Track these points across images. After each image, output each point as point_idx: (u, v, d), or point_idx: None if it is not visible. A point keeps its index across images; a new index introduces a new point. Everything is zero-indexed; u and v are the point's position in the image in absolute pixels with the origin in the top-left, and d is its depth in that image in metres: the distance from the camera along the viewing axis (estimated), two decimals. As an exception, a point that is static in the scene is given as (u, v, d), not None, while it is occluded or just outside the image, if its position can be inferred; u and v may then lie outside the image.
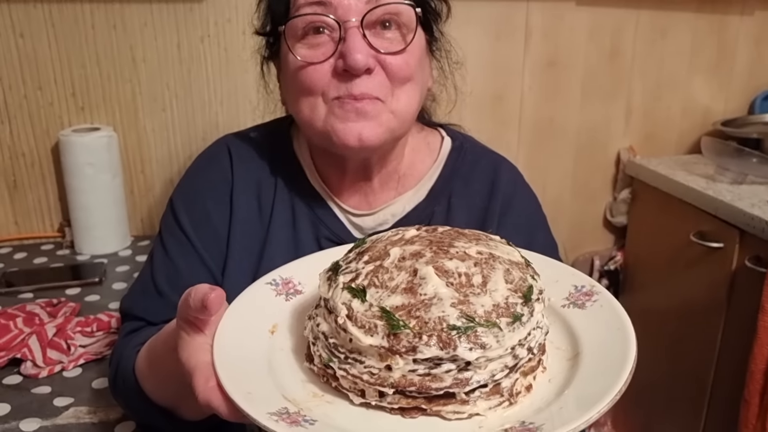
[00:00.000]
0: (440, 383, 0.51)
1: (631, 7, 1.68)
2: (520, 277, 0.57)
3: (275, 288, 0.68)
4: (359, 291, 0.55)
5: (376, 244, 0.61)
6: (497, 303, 0.53)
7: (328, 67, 0.77)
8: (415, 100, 0.83)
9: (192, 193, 0.90)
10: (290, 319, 0.64)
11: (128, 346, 0.81)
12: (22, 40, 1.34)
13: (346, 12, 0.76)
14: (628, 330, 0.57)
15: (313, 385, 0.57)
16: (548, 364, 0.58)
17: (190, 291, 0.56)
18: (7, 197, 1.43)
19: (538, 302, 0.56)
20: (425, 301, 0.53)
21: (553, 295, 0.64)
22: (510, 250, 0.61)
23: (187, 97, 1.45)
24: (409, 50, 0.79)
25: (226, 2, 1.40)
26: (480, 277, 0.55)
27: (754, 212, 1.35)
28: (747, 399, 1.35)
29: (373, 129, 0.79)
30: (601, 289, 0.64)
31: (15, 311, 1.09)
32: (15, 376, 0.98)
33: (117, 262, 1.37)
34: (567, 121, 1.74)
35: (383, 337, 0.52)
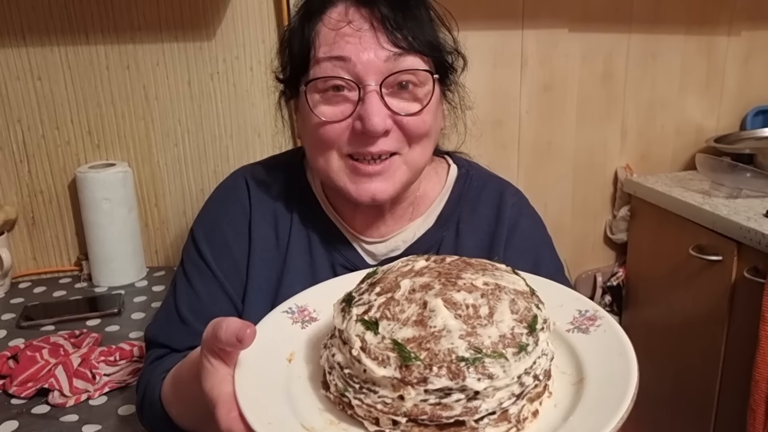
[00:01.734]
0: (450, 412, 0.53)
1: (622, 31, 1.75)
2: (525, 306, 0.59)
3: (291, 316, 0.70)
4: (372, 323, 0.57)
5: (387, 275, 0.63)
6: (503, 333, 0.55)
7: (345, 126, 0.80)
8: (429, 151, 0.86)
9: (212, 224, 0.94)
10: (306, 347, 0.66)
11: (154, 373, 0.84)
12: (39, 82, 1.40)
13: (366, 72, 0.78)
14: (629, 356, 0.58)
15: (329, 413, 0.59)
16: (554, 389, 0.60)
17: (218, 323, 0.59)
18: (26, 234, 1.48)
19: (543, 331, 0.58)
20: (435, 334, 0.55)
21: (557, 319, 0.65)
22: (515, 279, 0.63)
23: (198, 132, 1.51)
24: (427, 109, 0.81)
25: (233, 40, 1.47)
26: (487, 308, 0.57)
27: (750, 225, 1.40)
28: (753, 407, 1.38)
29: (386, 187, 0.83)
30: (603, 314, 0.65)
31: (40, 343, 1.13)
32: (43, 405, 1.02)
33: (134, 293, 1.41)
34: (564, 143, 1.80)
35: (395, 369, 0.54)
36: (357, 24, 0.79)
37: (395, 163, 0.82)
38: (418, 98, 0.81)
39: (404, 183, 0.85)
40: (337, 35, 0.79)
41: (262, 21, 1.47)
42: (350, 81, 0.79)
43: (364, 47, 0.78)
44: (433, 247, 0.92)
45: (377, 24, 0.79)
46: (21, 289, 1.44)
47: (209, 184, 1.54)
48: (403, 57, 0.79)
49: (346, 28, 0.79)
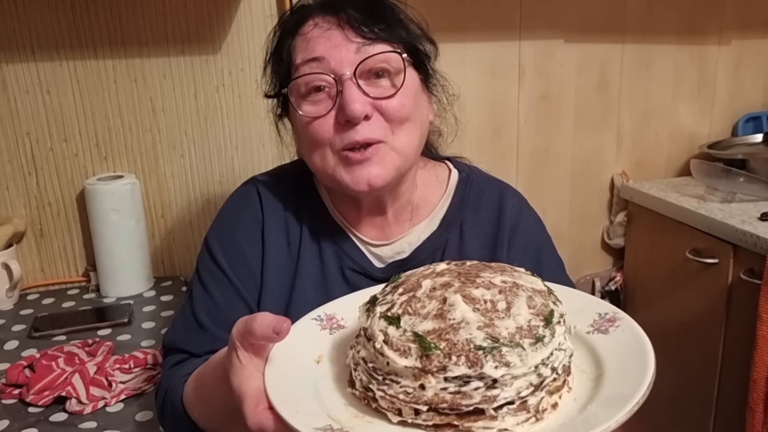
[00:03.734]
0: (470, 400, 0.56)
1: (616, 41, 1.79)
2: (542, 303, 0.61)
3: (320, 323, 0.73)
4: (394, 318, 0.61)
5: (410, 278, 0.67)
6: (520, 326, 0.58)
7: (331, 120, 0.85)
8: (416, 137, 0.89)
9: (226, 233, 0.96)
10: (333, 350, 0.69)
11: (175, 377, 0.86)
12: (48, 96, 1.42)
13: (340, 65, 0.83)
14: (647, 350, 0.61)
15: (354, 408, 0.62)
16: (573, 385, 0.62)
17: (251, 319, 0.62)
18: (34, 245, 1.49)
19: (559, 325, 0.60)
20: (454, 326, 0.58)
21: (578, 323, 0.68)
22: (534, 279, 0.66)
23: (204, 143, 1.53)
24: (402, 92, 0.86)
25: (239, 53, 1.50)
26: (504, 303, 0.60)
27: (745, 228, 1.44)
28: (752, 407, 1.41)
29: (379, 171, 0.86)
30: (623, 316, 0.67)
31: (55, 352, 1.14)
32: (61, 413, 1.03)
33: (142, 303, 1.43)
34: (561, 150, 1.83)
35: (416, 359, 0.57)
36: (325, 26, 0.86)
37: (382, 149, 0.86)
38: (394, 83, 0.86)
39: (397, 168, 0.88)
40: (310, 40, 0.86)
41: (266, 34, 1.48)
42: (327, 76, 0.84)
43: (334, 44, 0.84)
44: (438, 250, 0.95)
45: (344, 24, 0.85)
46: (30, 300, 1.45)
47: (215, 194, 1.56)
48: (372, 46, 0.85)
49: (315, 30, 0.86)
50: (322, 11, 0.87)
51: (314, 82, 0.85)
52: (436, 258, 0.95)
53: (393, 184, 0.91)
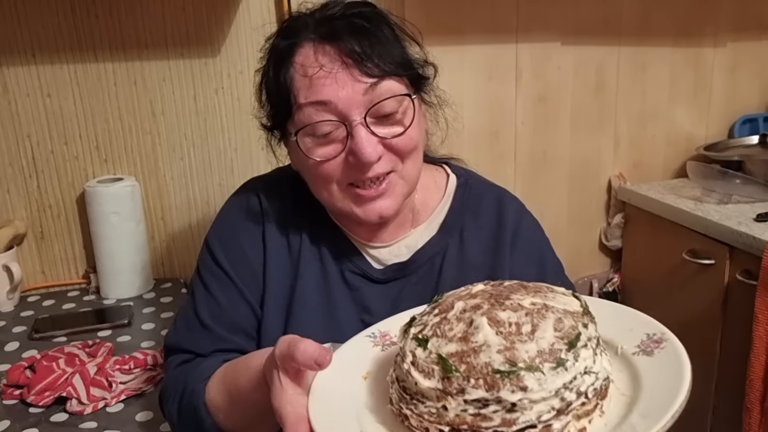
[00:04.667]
0: (489, 422, 0.56)
1: (612, 44, 1.80)
2: (570, 325, 0.60)
3: (373, 339, 0.75)
4: (423, 340, 0.62)
5: (447, 299, 0.68)
6: (542, 349, 0.57)
7: (340, 161, 0.84)
8: (420, 161, 0.90)
9: (227, 235, 0.97)
10: (381, 367, 0.71)
11: (191, 378, 0.86)
12: (49, 99, 1.43)
13: (348, 108, 0.80)
14: (684, 374, 0.59)
15: (391, 424, 0.63)
16: (609, 409, 0.60)
17: (294, 344, 0.62)
18: (34, 248, 1.50)
19: (585, 348, 0.59)
20: (475, 348, 0.58)
21: (625, 343, 0.66)
22: (569, 300, 0.65)
23: (203, 145, 1.54)
24: (411, 127, 0.85)
25: (237, 56, 1.50)
26: (530, 325, 0.60)
27: (741, 229, 1.45)
28: (748, 407, 1.42)
29: (390, 204, 0.87)
30: (670, 336, 0.65)
31: (56, 353, 1.15)
32: (61, 414, 1.04)
33: (142, 305, 1.44)
34: (559, 153, 1.84)
35: (438, 380, 0.58)
36: (328, 66, 0.81)
37: (393, 180, 0.87)
38: (402, 120, 0.84)
39: (405, 195, 0.90)
40: (313, 79, 0.81)
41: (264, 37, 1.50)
42: (336, 122, 0.82)
43: (340, 86, 0.80)
44: (438, 254, 0.96)
45: (347, 59, 0.81)
46: (30, 302, 1.46)
47: (215, 196, 1.57)
48: (379, 84, 0.81)
49: (319, 71, 0.81)
50: (320, 40, 0.83)
51: (323, 128, 0.82)
52: (435, 262, 0.96)
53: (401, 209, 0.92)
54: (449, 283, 0.94)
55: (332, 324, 0.92)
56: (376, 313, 0.93)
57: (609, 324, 0.68)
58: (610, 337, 0.67)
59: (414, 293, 0.94)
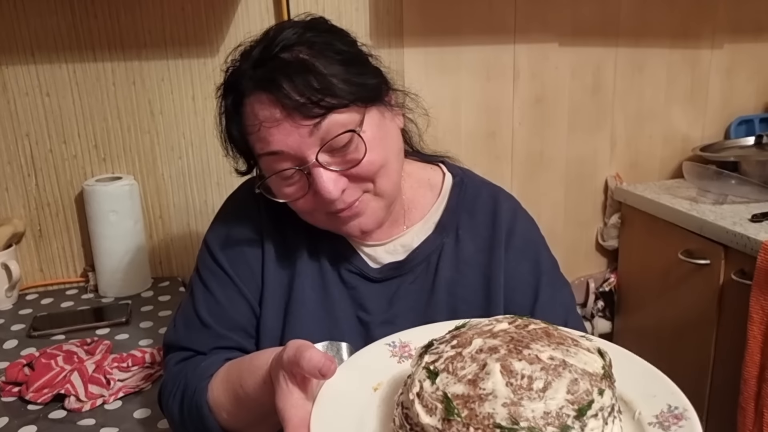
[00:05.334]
0: None
1: (610, 45, 1.81)
2: (586, 389, 0.58)
3: (392, 349, 0.73)
4: (433, 373, 0.60)
5: (468, 331, 0.65)
6: (549, 411, 0.55)
7: (310, 197, 0.85)
8: (394, 172, 0.89)
9: (226, 234, 0.98)
10: (394, 380, 0.69)
11: (192, 377, 0.86)
12: (48, 98, 1.43)
13: (300, 152, 0.81)
14: None
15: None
16: None
17: (301, 351, 0.63)
18: (33, 246, 1.51)
19: (595, 418, 0.56)
20: (482, 395, 0.57)
21: (644, 409, 0.63)
22: (591, 359, 0.62)
23: (201, 145, 1.55)
24: (369, 150, 0.83)
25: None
26: (542, 382, 0.57)
27: (736, 229, 1.46)
28: (743, 405, 1.43)
29: (368, 220, 0.88)
30: (692, 415, 0.62)
31: (54, 351, 1.16)
32: (60, 411, 1.04)
33: (140, 303, 1.44)
34: (556, 153, 1.85)
35: (439, 420, 0.56)
36: (269, 119, 0.81)
37: (365, 199, 0.87)
38: (357, 149, 0.83)
39: (384, 208, 0.90)
40: (260, 132, 0.82)
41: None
42: (292, 168, 0.83)
43: (286, 134, 0.80)
44: (434, 253, 0.97)
45: (285, 105, 0.80)
46: (29, 300, 1.47)
47: (213, 196, 1.58)
48: (323, 122, 0.80)
49: (262, 127, 0.81)
50: (257, 89, 0.82)
51: (283, 175, 0.84)
52: (431, 261, 0.96)
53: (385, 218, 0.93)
54: (445, 281, 0.95)
55: (329, 322, 0.93)
56: (372, 311, 0.94)
57: (633, 384, 0.65)
58: (631, 399, 0.64)
59: (411, 292, 0.95)
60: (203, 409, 0.82)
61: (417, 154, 1.04)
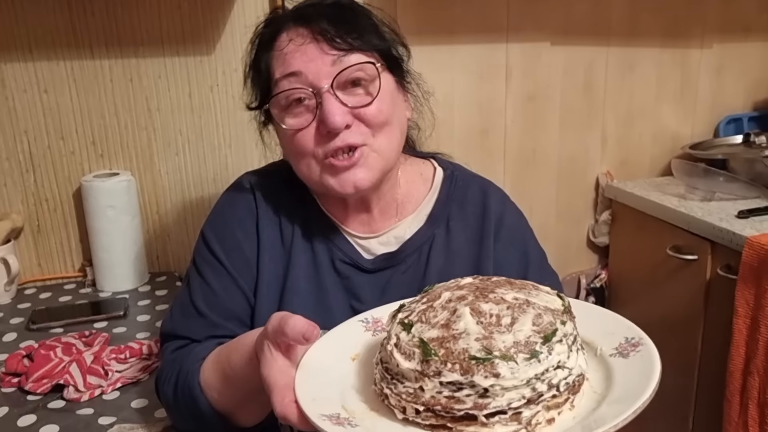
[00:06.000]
0: (462, 405, 0.60)
1: (601, 44, 1.84)
2: (549, 321, 0.63)
3: (365, 325, 0.79)
4: (408, 325, 0.66)
5: (437, 289, 0.71)
6: (518, 341, 0.61)
7: (312, 131, 0.89)
8: (395, 138, 0.94)
9: (222, 226, 1.00)
10: (370, 350, 0.74)
11: (186, 362, 0.89)
12: (46, 95, 1.45)
13: (317, 78, 0.87)
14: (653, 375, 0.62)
15: (370, 404, 0.67)
16: (580, 404, 0.63)
17: (285, 319, 0.66)
18: (31, 241, 1.53)
19: (560, 344, 0.62)
20: (455, 335, 0.62)
21: (605, 345, 0.69)
22: (552, 299, 0.68)
23: (198, 141, 1.57)
24: (379, 98, 0.89)
25: (232, 54, 1.53)
26: (509, 318, 0.63)
27: (723, 225, 1.49)
28: (728, 398, 1.46)
29: (364, 175, 0.91)
30: (647, 341, 0.68)
31: (53, 342, 1.18)
32: (59, 401, 1.06)
33: (137, 297, 1.46)
34: (548, 151, 1.88)
35: (418, 363, 0.62)
36: (299, 40, 0.89)
37: (365, 152, 0.91)
38: (370, 91, 0.90)
39: (380, 170, 0.93)
40: (286, 55, 0.89)
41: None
42: (306, 89, 0.88)
43: (310, 58, 0.88)
44: (426, 244, 1.00)
45: (317, 36, 0.88)
46: (27, 295, 1.49)
47: (209, 192, 1.60)
48: (347, 57, 0.88)
49: (290, 46, 0.89)
50: (295, 23, 0.90)
51: (294, 95, 0.88)
52: (423, 251, 1.00)
53: (377, 184, 0.95)
54: (436, 271, 0.98)
55: (323, 311, 0.95)
56: (365, 300, 0.96)
57: (592, 326, 0.71)
58: (592, 339, 0.70)
59: (402, 281, 0.98)
60: (195, 390, 0.84)
61: (411, 150, 1.07)
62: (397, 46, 0.96)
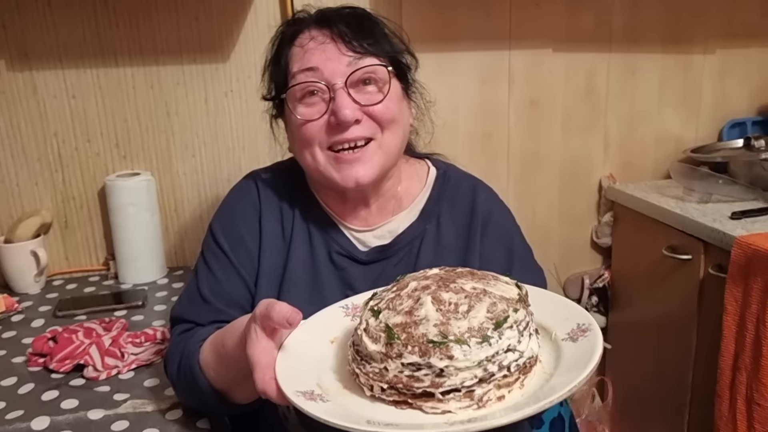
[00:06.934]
0: (420, 383, 0.68)
1: (603, 51, 1.89)
2: (502, 309, 0.70)
3: (345, 311, 0.87)
4: (377, 312, 0.74)
5: (407, 279, 0.79)
6: (472, 326, 0.68)
7: (322, 123, 0.98)
8: (399, 137, 1.02)
9: (228, 221, 1.09)
10: (348, 334, 0.81)
11: (189, 343, 0.98)
12: (74, 100, 1.57)
13: (333, 75, 0.96)
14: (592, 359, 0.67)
15: (346, 382, 0.75)
16: (531, 383, 0.70)
17: (271, 305, 0.74)
18: (59, 236, 1.64)
19: (511, 329, 0.69)
20: (416, 321, 0.70)
21: (559, 330, 0.76)
22: (509, 288, 0.75)
23: (213, 144, 1.67)
24: (388, 98, 0.98)
25: (246, 62, 1.63)
26: (466, 306, 0.71)
27: (715, 226, 1.52)
28: (719, 393, 1.49)
29: (366, 171, 0.99)
30: (595, 327, 0.74)
31: (75, 327, 1.28)
32: (79, 379, 1.16)
33: (156, 289, 1.56)
34: (551, 154, 1.93)
35: (383, 345, 0.70)
36: (320, 39, 0.98)
37: (371, 148, 0.99)
38: (381, 90, 0.98)
39: (382, 166, 1.01)
40: (306, 51, 0.98)
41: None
42: (321, 84, 0.96)
43: (328, 57, 0.96)
44: (417, 238, 1.07)
45: (336, 38, 0.97)
46: (55, 286, 1.59)
47: (224, 191, 1.66)
48: (361, 59, 0.97)
49: (311, 43, 0.98)
50: (318, 24, 1.00)
51: (309, 87, 0.97)
52: (414, 245, 1.07)
53: (377, 181, 1.03)
54: (426, 264, 1.05)
55: (319, 300, 1.02)
56: (359, 290, 1.02)
57: (550, 313, 0.78)
58: (549, 324, 0.77)
59: (394, 273, 1.04)
60: (195, 368, 0.93)
61: (409, 151, 1.15)
62: (405, 56, 1.05)
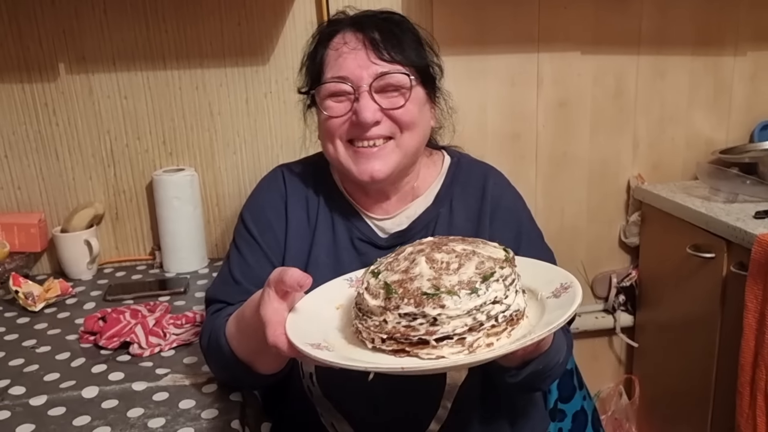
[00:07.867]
0: (416, 332, 0.74)
1: (632, 53, 1.91)
2: (489, 266, 0.77)
3: (350, 282, 0.95)
4: (376, 273, 0.82)
5: (404, 247, 0.87)
6: (462, 280, 0.75)
7: (346, 119, 1.06)
8: (418, 140, 1.10)
9: (257, 209, 1.18)
10: (352, 301, 0.88)
11: (218, 320, 1.07)
12: (125, 100, 1.69)
13: (359, 80, 1.04)
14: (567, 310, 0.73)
15: (350, 339, 0.83)
16: (517, 334, 0.76)
17: (284, 270, 0.82)
18: (110, 227, 1.76)
19: (497, 283, 0.75)
20: (412, 277, 0.78)
21: (545, 290, 0.83)
22: (496, 251, 0.82)
23: (253, 142, 1.77)
24: (410, 102, 1.06)
25: (284, 65, 1.72)
26: (457, 264, 0.78)
27: (738, 225, 1.54)
28: (740, 390, 1.51)
29: (381, 167, 1.07)
30: (576, 284, 0.80)
31: (123, 309, 1.39)
32: (125, 355, 1.26)
33: (197, 278, 1.67)
34: (579, 155, 1.96)
35: (382, 300, 0.77)
36: (352, 44, 1.05)
37: (389, 146, 1.07)
38: (403, 96, 1.05)
39: (398, 164, 1.08)
40: (339, 56, 1.05)
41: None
42: (347, 86, 1.04)
43: (358, 64, 1.04)
44: (432, 222, 1.15)
45: (368, 44, 1.05)
46: (105, 273, 1.72)
47: (262, 187, 1.79)
48: (388, 67, 1.05)
49: (344, 48, 1.06)
50: (352, 27, 1.08)
51: (337, 88, 1.06)
52: (429, 228, 1.14)
53: (393, 178, 1.10)
54: None
55: None
56: None
57: (537, 278, 0.85)
58: (536, 287, 0.84)
59: None
60: (221, 340, 1.02)
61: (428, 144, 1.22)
62: (433, 65, 1.13)
